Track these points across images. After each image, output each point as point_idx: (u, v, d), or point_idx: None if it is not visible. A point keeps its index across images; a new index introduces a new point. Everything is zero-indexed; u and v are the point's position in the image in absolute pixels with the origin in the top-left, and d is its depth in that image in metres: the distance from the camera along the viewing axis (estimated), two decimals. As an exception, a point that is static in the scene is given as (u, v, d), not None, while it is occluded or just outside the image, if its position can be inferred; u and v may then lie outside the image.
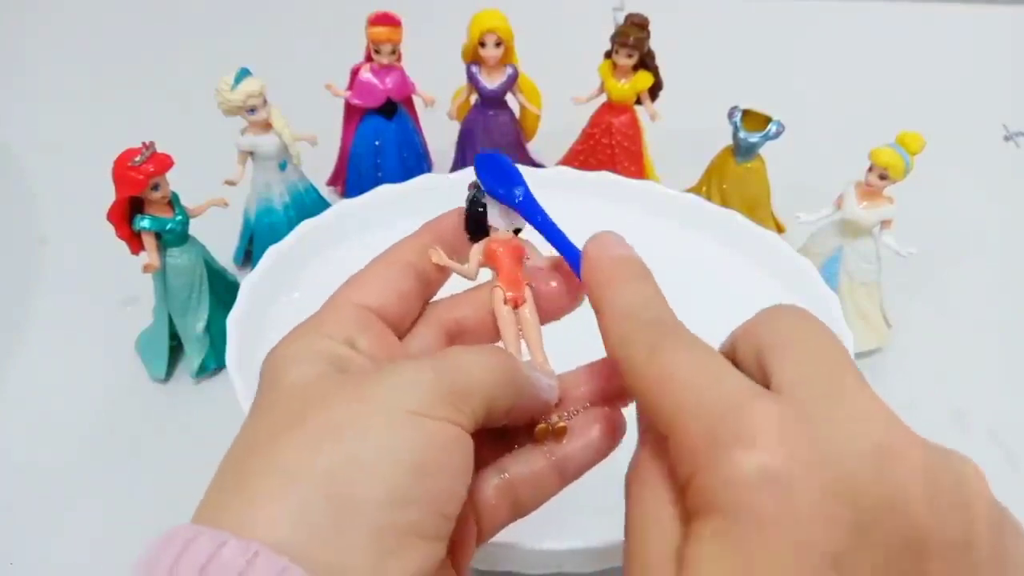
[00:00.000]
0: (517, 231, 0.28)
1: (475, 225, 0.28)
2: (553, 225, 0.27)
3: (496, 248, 0.27)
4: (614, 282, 0.24)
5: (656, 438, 0.22)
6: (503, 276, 0.27)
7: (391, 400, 0.21)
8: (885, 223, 0.48)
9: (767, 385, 0.20)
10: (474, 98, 0.58)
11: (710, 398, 0.19)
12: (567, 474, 0.26)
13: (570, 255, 0.26)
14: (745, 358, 0.22)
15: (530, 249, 0.28)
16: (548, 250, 0.28)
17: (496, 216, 0.27)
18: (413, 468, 0.20)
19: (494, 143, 0.58)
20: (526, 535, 0.33)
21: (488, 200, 0.27)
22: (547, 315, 0.28)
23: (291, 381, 0.22)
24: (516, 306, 0.27)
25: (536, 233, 0.27)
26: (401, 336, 0.26)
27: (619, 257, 0.25)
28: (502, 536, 0.26)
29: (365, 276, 0.26)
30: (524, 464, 0.25)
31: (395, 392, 0.21)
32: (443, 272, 0.27)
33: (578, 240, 0.27)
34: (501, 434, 0.26)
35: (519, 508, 0.26)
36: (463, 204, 0.28)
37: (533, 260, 0.28)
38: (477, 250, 0.28)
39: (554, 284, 0.28)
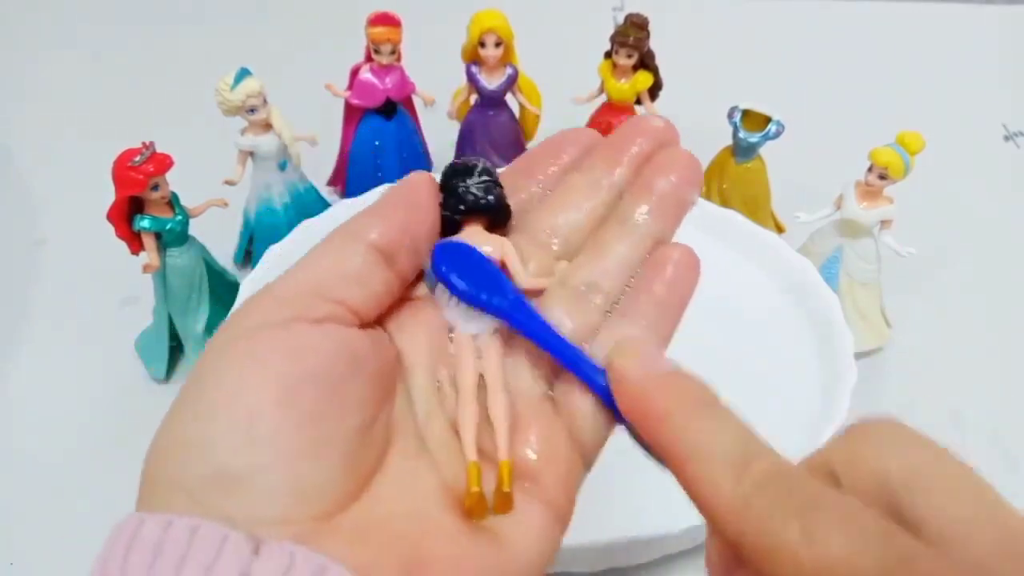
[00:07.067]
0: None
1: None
2: (555, 335, 0.21)
3: None
4: (687, 414, 0.18)
5: None
6: None
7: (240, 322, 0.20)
8: (885, 223, 0.48)
9: (906, 525, 0.16)
10: (474, 98, 0.58)
11: None
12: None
13: (587, 373, 0.20)
14: (860, 489, 0.17)
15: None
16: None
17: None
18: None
19: (494, 143, 0.58)
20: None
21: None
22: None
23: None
24: None
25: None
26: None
27: (669, 374, 0.19)
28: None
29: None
30: None
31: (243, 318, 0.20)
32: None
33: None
34: None
35: None
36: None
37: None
38: None
39: (673, 179, 0.23)
